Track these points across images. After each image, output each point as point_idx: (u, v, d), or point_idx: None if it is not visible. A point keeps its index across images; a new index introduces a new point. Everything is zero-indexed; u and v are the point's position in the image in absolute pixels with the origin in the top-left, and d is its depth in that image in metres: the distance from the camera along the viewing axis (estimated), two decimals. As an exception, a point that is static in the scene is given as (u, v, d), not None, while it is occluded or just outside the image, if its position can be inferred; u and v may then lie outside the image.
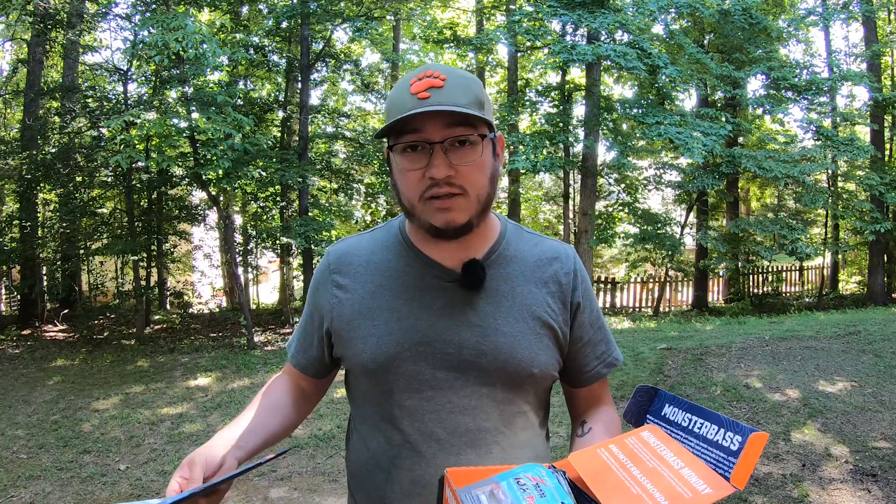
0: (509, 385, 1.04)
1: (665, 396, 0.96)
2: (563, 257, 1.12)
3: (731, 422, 0.83)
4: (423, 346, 1.02)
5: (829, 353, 6.07)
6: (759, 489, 3.42)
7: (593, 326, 1.13)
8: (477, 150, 0.97)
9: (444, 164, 0.94)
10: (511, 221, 1.16)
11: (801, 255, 11.28)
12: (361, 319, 1.06)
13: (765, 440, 0.79)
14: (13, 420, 5.33)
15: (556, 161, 10.51)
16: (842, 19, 12.98)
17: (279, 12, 9.88)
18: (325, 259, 1.15)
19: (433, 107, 0.92)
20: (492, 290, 1.05)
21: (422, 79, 0.96)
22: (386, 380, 1.03)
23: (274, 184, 10.41)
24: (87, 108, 9.98)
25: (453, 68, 1.00)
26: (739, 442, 0.80)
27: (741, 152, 10.95)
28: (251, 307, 12.20)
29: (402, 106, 0.95)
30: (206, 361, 7.64)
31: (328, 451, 4.34)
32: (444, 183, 0.95)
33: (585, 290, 1.12)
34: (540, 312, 1.06)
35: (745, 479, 0.78)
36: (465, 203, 0.98)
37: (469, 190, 0.97)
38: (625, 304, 13.80)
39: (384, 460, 1.05)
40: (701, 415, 0.88)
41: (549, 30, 10.54)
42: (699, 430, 0.86)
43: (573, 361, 1.13)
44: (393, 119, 0.94)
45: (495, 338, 1.02)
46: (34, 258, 10.52)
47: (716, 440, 0.83)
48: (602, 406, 1.15)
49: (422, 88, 0.95)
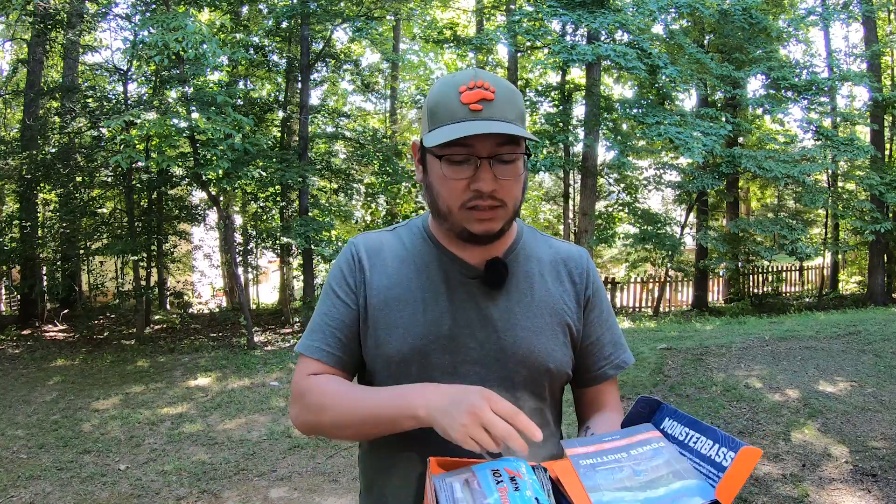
0: (528, 380, 1.06)
1: (667, 410, 0.96)
2: (576, 258, 1.16)
3: (728, 438, 0.83)
4: (447, 340, 1.04)
5: (829, 353, 6.07)
6: (759, 489, 3.42)
7: (603, 326, 1.15)
8: (519, 166, 1.01)
9: (490, 179, 0.98)
10: (525, 224, 1.19)
11: (801, 255, 11.28)
12: (387, 311, 1.06)
13: (757, 456, 0.79)
14: (13, 420, 5.33)
15: (557, 161, 10.52)
16: (842, 19, 12.98)
17: (279, 12, 9.88)
18: (350, 249, 1.13)
19: (490, 127, 0.95)
20: (512, 288, 1.08)
21: (472, 88, 0.97)
22: (409, 372, 1.03)
23: (274, 184, 10.41)
24: (87, 108, 9.97)
25: (498, 78, 1.02)
26: (731, 457, 0.80)
27: (741, 152, 10.95)
28: (251, 307, 12.20)
29: (453, 115, 0.97)
30: (206, 361, 7.64)
31: (328, 451, 4.34)
32: (488, 196, 0.99)
33: (597, 289, 1.16)
34: (558, 309, 1.10)
35: (731, 494, 0.78)
36: (504, 213, 1.02)
37: (508, 202, 1.02)
38: (625, 304, 13.79)
39: (401, 459, 1.06)
40: (698, 430, 0.88)
41: (549, 30, 10.54)
42: (694, 445, 0.87)
43: (581, 360, 1.14)
44: (449, 132, 0.95)
45: (515, 332, 1.05)
46: (34, 258, 10.51)
47: (709, 455, 0.84)
48: (608, 410, 1.15)
49: (473, 99, 0.97)
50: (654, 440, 0.91)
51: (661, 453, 0.88)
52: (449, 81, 1.00)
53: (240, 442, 4.59)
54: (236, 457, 4.30)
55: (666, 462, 0.86)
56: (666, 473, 0.83)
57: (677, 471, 0.84)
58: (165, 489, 3.80)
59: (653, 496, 0.80)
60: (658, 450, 0.89)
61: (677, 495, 0.79)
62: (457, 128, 0.95)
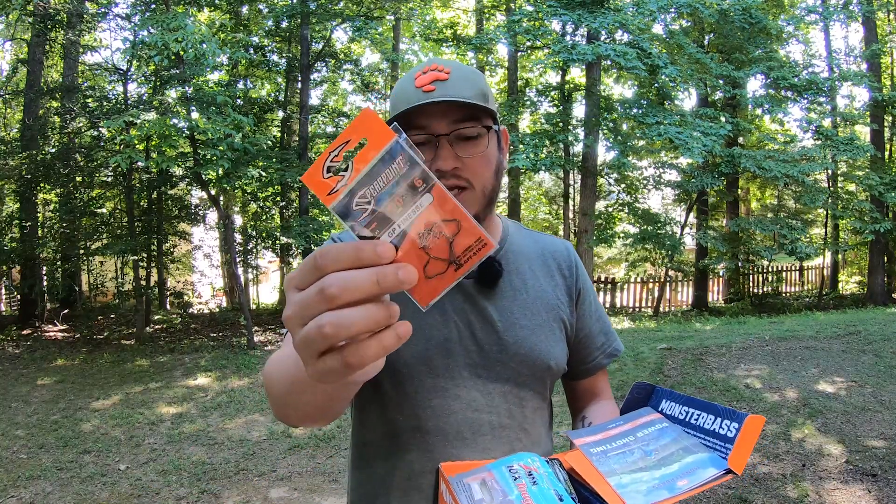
0: (530, 379, 1.04)
1: (662, 392, 0.98)
2: (563, 251, 1.15)
3: (728, 410, 0.85)
4: (448, 343, 1.01)
5: (829, 353, 6.07)
6: (759, 489, 3.42)
7: (593, 317, 1.15)
8: (483, 142, 0.97)
9: (450, 156, 0.94)
10: (509, 220, 1.17)
11: (801, 255, 11.28)
12: None
13: (761, 423, 0.82)
14: (13, 420, 5.33)
15: (556, 160, 10.52)
16: (841, 19, 12.98)
17: (279, 12, 9.88)
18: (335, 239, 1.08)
19: (432, 97, 0.92)
20: (507, 286, 1.06)
21: (426, 72, 0.96)
22: (412, 378, 1.00)
23: (274, 184, 10.41)
24: (87, 108, 9.96)
25: (457, 62, 0.99)
26: (736, 428, 0.82)
27: (741, 152, 10.94)
28: (251, 307, 12.20)
29: (407, 99, 0.95)
30: (206, 361, 7.64)
31: (328, 452, 4.35)
32: (451, 175, 0.95)
33: (585, 281, 1.15)
34: (553, 305, 1.08)
35: (742, 463, 0.80)
36: (472, 197, 0.98)
37: (475, 183, 0.97)
38: (625, 304, 13.79)
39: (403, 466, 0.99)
40: (698, 406, 0.90)
41: (549, 29, 10.54)
42: (696, 422, 0.89)
43: (575, 353, 1.14)
44: (398, 112, 0.94)
45: (515, 331, 1.03)
46: (34, 258, 10.51)
47: (713, 429, 0.85)
48: (602, 400, 1.16)
49: (427, 82, 0.95)
50: (657, 421, 0.92)
51: (667, 432, 0.89)
52: (408, 73, 0.99)
53: (240, 442, 4.59)
54: (236, 457, 4.30)
55: (673, 440, 0.87)
56: (676, 450, 0.85)
57: (686, 447, 0.85)
58: (165, 489, 3.80)
59: (668, 472, 0.81)
60: (663, 429, 0.90)
61: (692, 468, 0.81)
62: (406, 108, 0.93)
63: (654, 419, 0.93)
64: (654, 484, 0.80)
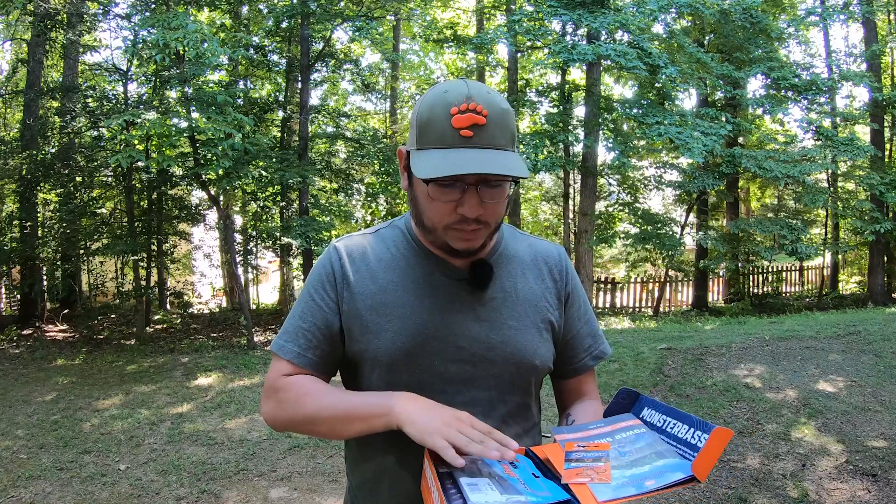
0: (517, 377, 1.10)
1: (645, 401, 1.05)
2: (555, 256, 1.20)
3: (701, 422, 0.91)
4: (436, 342, 1.05)
5: (829, 353, 6.07)
6: (759, 488, 3.42)
7: (581, 320, 1.20)
8: (505, 189, 1.02)
9: (476, 204, 0.99)
10: (504, 224, 1.20)
11: (801, 256, 11.28)
12: (374, 315, 1.06)
13: (728, 435, 0.87)
14: (13, 420, 5.33)
15: (557, 161, 10.52)
16: (841, 20, 12.98)
17: (279, 12, 9.87)
18: (332, 254, 1.12)
19: (482, 164, 0.94)
20: (497, 287, 1.11)
21: (464, 112, 0.95)
22: (399, 374, 1.05)
23: (274, 184, 10.40)
24: (87, 108, 9.97)
25: (492, 98, 0.98)
26: (704, 438, 0.88)
27: (741, 152, 10.94)
28: (251, 307, 12.20)
29: (443, 138, 0.96)
30: (207, 361, 7.64)
31: (328, 451, 4.35)
32: (473, 221, 1.00)
33: (575, 285, 1.20)
34: (541, 307, 1.13)
35: (705, 471, 0.86)
36: (486, 232, 1.05)
37: (492, 222, 1.04)
38: (625, 304, 13.79)
39: (390, 462, 1.07)
40: (675, 416, 0.97)
41: (549, 30, 10.54)
42: (671, 430, 0.95)
43: (562, 353, 1.18)
44: (439, 163, 0.94)
45: (503, 331, 1.08)
46: (34, 258, 10.51)
47: (685, 438, 0.92)
48: (587, 399, 1.21)
49: (464, 124, 0.95)
50: (635, 427, 0.99)
51: (643, 437, 0.95)
52: (440, 99, 0.98)
53: (240, 442, 4.59)
54: (236, 457, 4.30)
55: (648, 444, 0.93)
56: (649, 454, 0.91)
57: (659, 451, 0.91)
58: (165, 489, 3.80)
59: (638, 472, 0.87)
60: (640, 434, 0.96)
61: (661, 471, 0.87)
62: (447, 159, 0.94)
63: (633, 424, 1.00)
64: (624, 481, 0.86)
